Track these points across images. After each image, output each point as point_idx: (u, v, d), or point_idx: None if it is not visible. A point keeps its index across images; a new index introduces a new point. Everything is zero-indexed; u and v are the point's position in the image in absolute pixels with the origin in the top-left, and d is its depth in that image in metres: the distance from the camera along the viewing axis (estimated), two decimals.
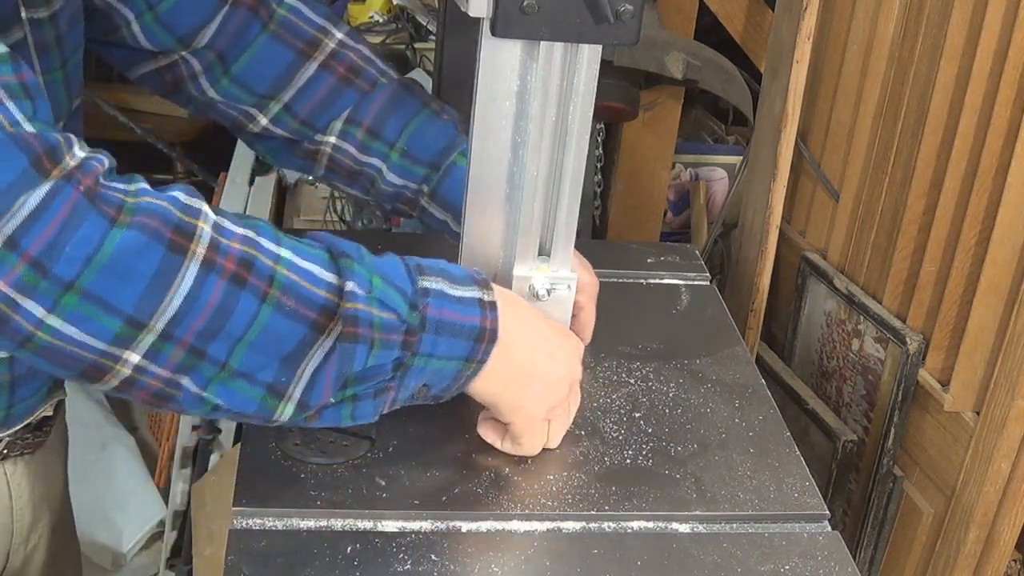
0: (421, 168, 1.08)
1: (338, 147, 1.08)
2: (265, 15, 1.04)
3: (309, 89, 1.06)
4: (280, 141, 1.10)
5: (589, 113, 0.90)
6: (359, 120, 1.07)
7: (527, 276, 0.97)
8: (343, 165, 1.09)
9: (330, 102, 1.07)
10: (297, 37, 1.05)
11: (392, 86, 1.09)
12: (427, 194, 1.09)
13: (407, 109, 1.08)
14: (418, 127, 1.08)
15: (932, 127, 1.39)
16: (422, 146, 1.07)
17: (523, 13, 0.82)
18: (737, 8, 1.86)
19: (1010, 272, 1.31)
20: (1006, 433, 1.30)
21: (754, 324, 1.71)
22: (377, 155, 1.08)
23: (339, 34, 1.07)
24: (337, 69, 1.06)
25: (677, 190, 2.15)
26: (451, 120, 1.09)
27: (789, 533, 0.97)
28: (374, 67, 1.08)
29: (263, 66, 1.05)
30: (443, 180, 1.07)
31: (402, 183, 1.09)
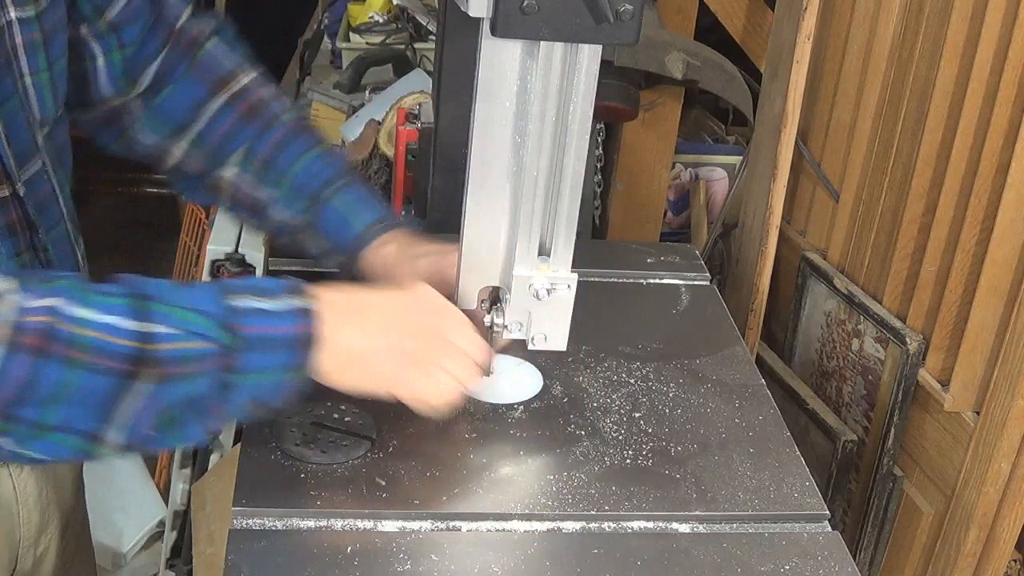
0: (303, 201, 1.12)
1: (237, 180, 1.14)
2: (192, 54, 1.12)
3: (215, 123, 1.12)
4: (192, 175, 1.16)
5: (589, 113, 0.90)
6: (255, 155, 1.12)
7: (527, 276, 0.97)
8: (244, 198, 1.14)
9: (231, 136, 1.12)
10: (211, 75, 1.12)
11: (288, 125, 1.14)
12: (306, 225, 1.13)
13: (299, 146, 1.13)
14: (306, 163, 1.12)
15: (932, 127, 1.39)
16: (307, 181, 1.12)
17: (523, 13, 0.82)
18: (737, 8, 1.86)
19: (1010, 272, 1.31)
20: (1006, 433, 1.30)
21: (754, 324, 1.71)
22: (269, 188, 1.13)
23: (247, 78, 1.14)
24: (240, 107, 1.12)
25: (677, 190, 2.15)
26: (338, 160, 1.16)
27: (789, 533, 0.97)
28: (274, 107, 1.14)
29: (179, 101, 1.12)
30: (321, 212, 1.12)
31: (288, 215, 1.13)
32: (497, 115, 0.91)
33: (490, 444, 1.03)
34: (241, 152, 1.13)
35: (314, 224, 1.12)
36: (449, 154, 1.34)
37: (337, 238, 1.12)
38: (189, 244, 2.61)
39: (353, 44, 2.50)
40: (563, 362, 1.15)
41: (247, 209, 1.16)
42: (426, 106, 1.51)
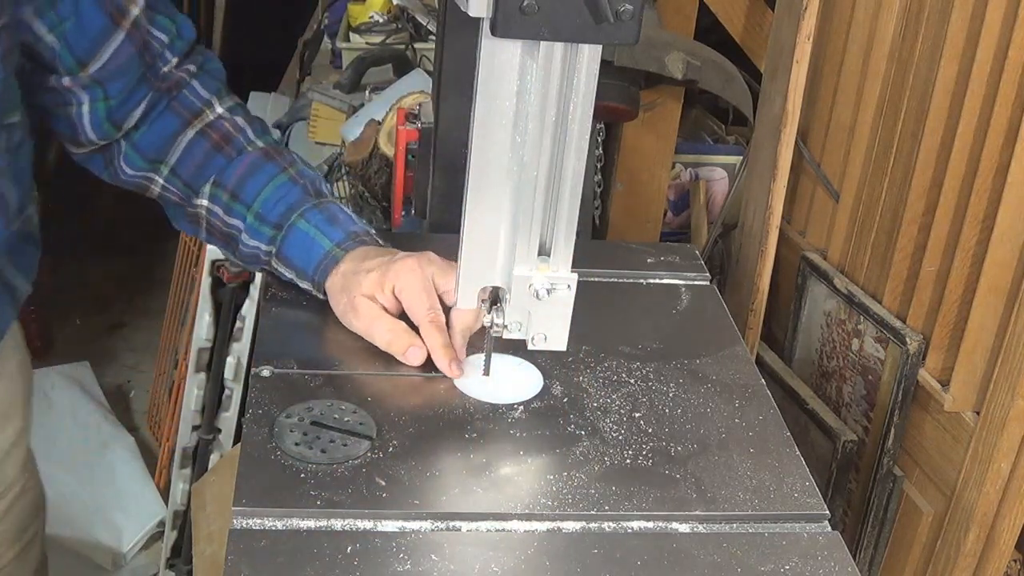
0: (268, 229, 1.14)
1: (210, 210, 1.16)
2: (173, 94, 1.15)
3: (189, 154, 1.16)
4: (175, 205, 1.19)
5: (589, 113, 0.90)
6: (224, 184, 1.15)
7: (527, 276, 0.97)
8: (217, 227, 1.17)
9: (204, 166, 1.16)
10: (186, 109, 1.16)
11: (256, 153, 1.17)
12: (273, 255, 1.15)
13: (264, 174, 1.15)
14: (272, 190, 1.14)
15: (932, 127, 1.39)
16: (271, 208, 1.14)
17: (523, 13, 0.82)
18: (737, 8, 1.86)
19: (1010, 272, 1.31)
20: (1006, 433, 1.30)
21: (754, 324, 1.71)
22: (237, 217, 1.15)
23: (221, 108, 1.17)
24: (212, 136, 1.16)
25: (677, 190, 2.15)
26: (308, 182, 1.17)
27: (789, 533, 0.97)
28: (244, 136, 1.17)
29: (156, 135, 1.15)
30: (284, 240, 1.13)
31: (255, 244, 1.15)
32: (497, 115, 0.91)
33: (490, 444, 1.03)
34: (212, 182, 1.16)
35: (281, 251, 1.14)
36: (449, 154, 1.34)
37: (303, 262, 1.13)
38: (189, 244, 2.62)
39: (353, 44, 2.50)
40: (563, 362, 1.15)
41: (220, 240, 1.18)
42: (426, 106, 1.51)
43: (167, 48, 1.14)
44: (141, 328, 3.34)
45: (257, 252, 1.16)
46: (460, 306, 1.01)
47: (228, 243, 1.18)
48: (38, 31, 1.03)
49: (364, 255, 1.12)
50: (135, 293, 3.49)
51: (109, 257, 3.56)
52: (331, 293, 1.13)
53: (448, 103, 1.31)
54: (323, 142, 2.21)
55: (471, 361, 1.13)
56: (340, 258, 1.12)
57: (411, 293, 1.09)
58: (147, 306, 3.39)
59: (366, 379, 1.10)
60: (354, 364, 1.11)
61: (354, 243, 1.13)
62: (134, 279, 3.50)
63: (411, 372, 1.11)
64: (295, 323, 1.16)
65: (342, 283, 1.11)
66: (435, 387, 1.10)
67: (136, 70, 1.11)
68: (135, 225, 1.33)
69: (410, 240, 1.50)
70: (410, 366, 1.09)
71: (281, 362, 1.10)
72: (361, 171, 1.78)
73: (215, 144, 1.16)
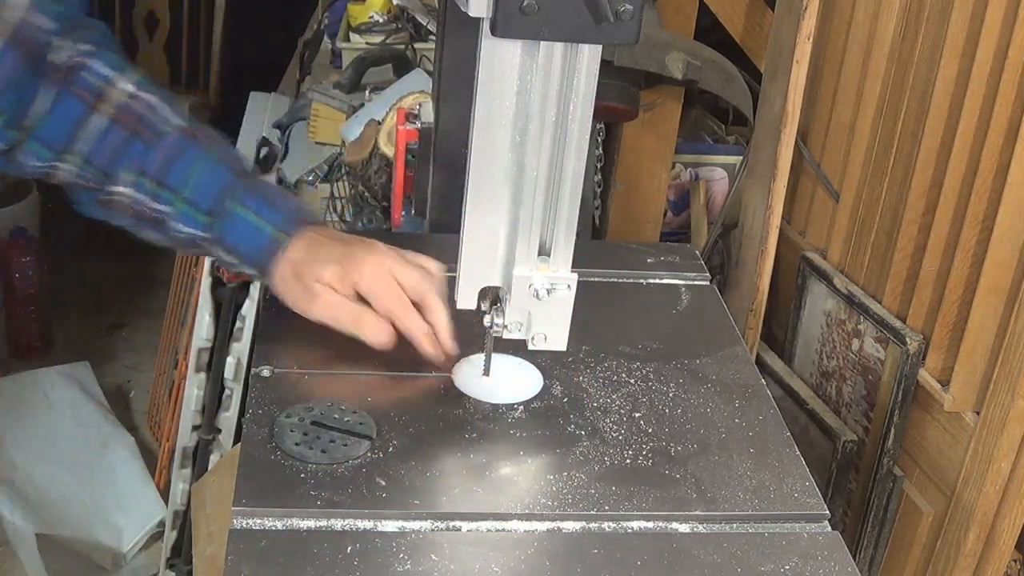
0: (202, 216, 1.10)
1: (134, 197, 1.11)
2: (69, 79, 1.09)
3: (103, 142, 1.09)
4: (84, 190, 1.13)
5: (589, 113, 0.90)
6: (147, 170, 1.10)
7: (527, 276, 0.97)
8: (145, 214, 1.11)
9: (121, 153, 1.10)
10: (89, 91, 1.09)
11: (176, 134, 1.11)
12: (211, 241, 1.11)
13: (189, 157, 1.11)
14: (199, 175, 1.11)
15: (932, 127, 1.39)
16: (202, 193, 1.10)
17: (523, 13, 0.82)
18: (737, 8, 1.86)
19: (1010, 272, 1.31)
20: (1006, 433, 1.30)
21: (754, 324, 1.71)
22: (166, 203, 1.10)
23: (127, 85, 1.11)
24: (125, 121, 1.10)
25: (677, 190, 2.15)
26: (229, 163, 1.13)
27: (789, 533, 0.97)
28: (158, 116, 1.11)
29: (61, 123, 1.09)
30: (222, 226, 1.10)
31: (191, 231, 1.11)
32: (497, 115, 0.91)
33: (490, 444, 1.03)
34: (133, 169, 1.10)
35: (221, 239, 1.11)
36: (449, 154, 1.34)
37: (246, 248, 1.10)
38: None
39: (353, 44, 2.50)
40: (563, 362, 1.15)
41: (150, 222, 1.12)
42: (426, 106, 1.51)
43: (54, 34, 1.08)
44: (141, 328, 3.34)
45: (194, 238, 1.11)
46: (460, 306, 1.01)
47: (156, 227, 1.12)
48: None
49: (316, 243, 1.10)
50: (135, 293, 3.49)
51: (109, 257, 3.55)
52: (281, 280, 1.10)
53: (448, 103, 1.31)
54: (323, 142, 2.21)
55: (471, 361, 1.13)
56: (285, 243, 1.09)
57: (378, 286, 1.07)
58: (147, 306, 3.39)
59: (366, 379, 1.10)
60: (354, 364, 1.11)
61: (297, 226, 1.10)
62: (134, 279, 3.50)
63: (411, 372, 1.11)
64: (295, 323, 1.16)
65: (294, 271, 1.09)
66: (435, 387, 1.10)
67: (26, 76, 1.06)
68: None
69: (410, 240, 1.50)
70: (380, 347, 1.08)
71: (281, 362, 1.10)
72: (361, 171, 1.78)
73: (131, 130, 1.10)
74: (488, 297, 1.02)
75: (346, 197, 1.94)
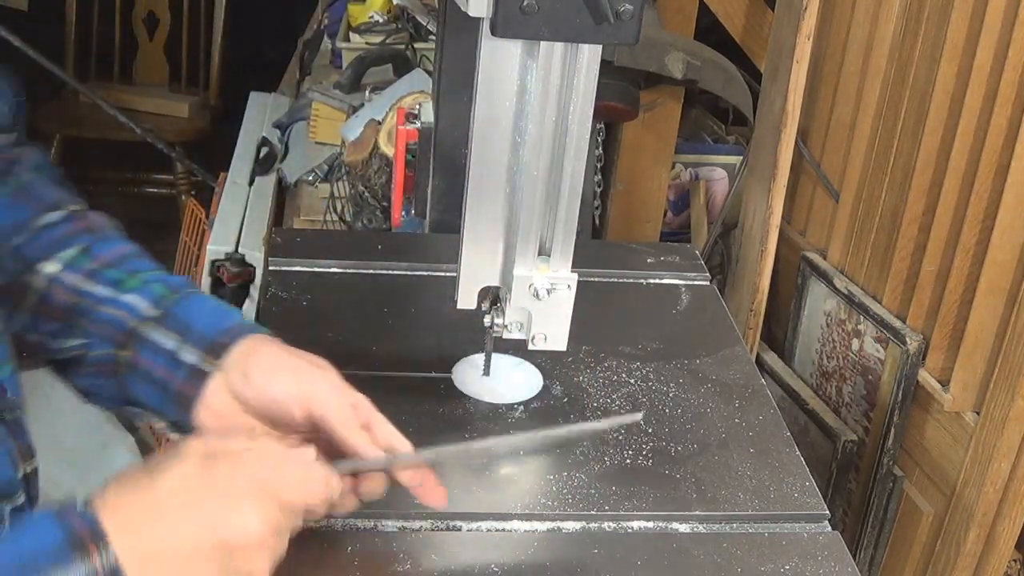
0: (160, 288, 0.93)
1: (57, 278, 0.93)
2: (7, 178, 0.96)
3: (43, 234, 0.94)
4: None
5: (589, 113, 0.90)
6: (95, 254, 0.94)
7: (527, 276, 0.97)
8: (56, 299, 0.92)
9: (62, 242, 0.95)
10: (39, 202, 0.96)
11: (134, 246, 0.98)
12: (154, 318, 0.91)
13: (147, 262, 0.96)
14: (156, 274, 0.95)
15: (932, 127, 1.39)
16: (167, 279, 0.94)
17: (523, 13, 0.82)
18: (737, 8, 1.86)
19: (1010, 272, 1.31)
20: (1006, 433, 1.30)
21: (754, 324, 1.71)
22: (105, 283, 0.93)
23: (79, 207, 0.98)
24: (82, 221, 0.97)
25: (677, 190, 2.15)
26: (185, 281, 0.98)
27: (789, 533, 0.97)
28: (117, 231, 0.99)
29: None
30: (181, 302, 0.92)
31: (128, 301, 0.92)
32: (497, 115, 0.91)
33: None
34: (74, 251, 0.94)
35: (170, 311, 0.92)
36: (449, 154, 1.34)
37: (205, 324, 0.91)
38: (189, 244, 2.62)
39: (353, 44, 2.50)
40: (563, 362, 1.15)
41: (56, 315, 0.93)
42: (426, 106, 1.51)
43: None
44: None
45: (123, 317, 0.91)
46: (460, 306, 1.01)
47: (66, 320, 0.92)
48: None
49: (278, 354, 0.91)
50: None
51: None
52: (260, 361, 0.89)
53: (448, 103, 1.31)
54: (323, 142, 2.21)
55: (471, 361, 1.13)
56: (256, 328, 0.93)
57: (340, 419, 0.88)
58: None
59: (366, 379, 1.10)
60: (354, 364, 1.11)
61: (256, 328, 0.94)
62: None
63: (411, 372, 1.11)
64: (295, 323, 1.16)
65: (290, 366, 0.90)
66: (435, 387, 1.10)
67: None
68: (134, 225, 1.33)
69: (410, 240, 1.50)
70: None
71: None
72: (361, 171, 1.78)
73: (86, 227, 0.96)
74: (488, 297, 1.02)
75: (346, 197, 1.94)
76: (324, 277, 1.30)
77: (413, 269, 1.34)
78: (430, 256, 1.34)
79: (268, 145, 2.32)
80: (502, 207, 0.95)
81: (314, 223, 1.97)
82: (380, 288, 1.29)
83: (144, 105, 3.51)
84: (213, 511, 0.72)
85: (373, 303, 1.25)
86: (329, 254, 1.34)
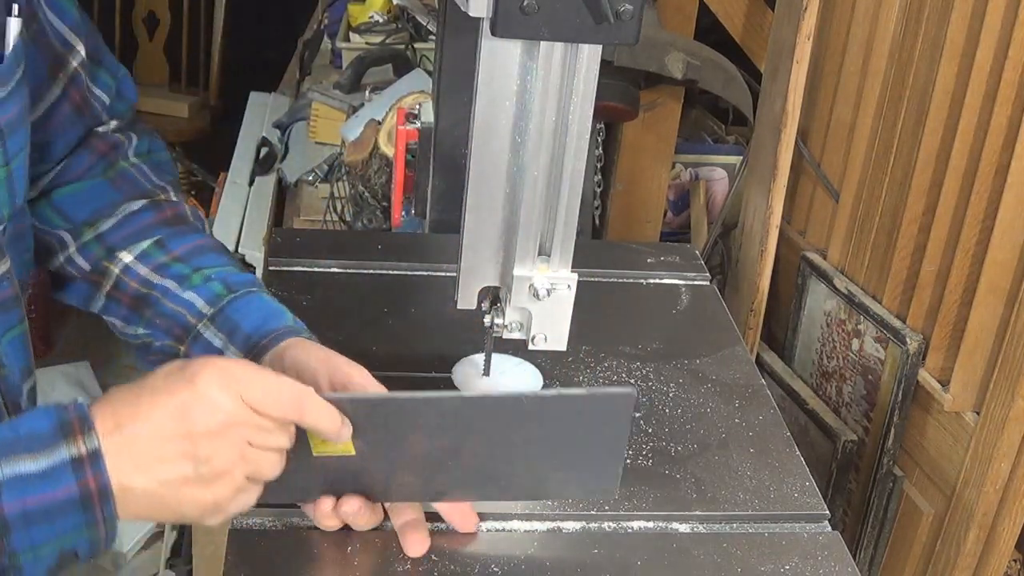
0: (219, 286, 0.98)
1: (129, 268, 0.98)
2: (110, 159, 1.01)
3: (128, 221, 1.00)
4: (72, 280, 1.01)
5: (589, 113, 0.90)
6: (168, 247, 0.99)
7: (527, 276, 0.97)
8: (127, 290, 0.99)
9: (142, 232, 1.00)
10: (133, 188, 1.01)
11: (215, 240, 1.04)
12: (209, 316, 0.97)
13: (222, 258, 1.01)
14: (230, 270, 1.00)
15: (932, 127, 1.39)
16: (227, 276, 0.99)
17: (523, 13, 0.82)
18: (737, 8, 1.86)
19: (1010, 272, 1.31)
20: (1006, 433, 1.30)
21: (754, 324, 1.71)
22: (173, 277, 0.98)
23: (175, 198, 1.03)
24: (164, 211, 1.01)
25: (677, 190, 2.15)
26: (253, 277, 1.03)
27: (789, 533, 0.97)
28: (201, 224, 1.04)
29: (87, 199, 1.00)
30: (236, 301, 0.97)
31: (188, 298, 0.97)
32: (497, 115, 0.91)
33: None
34: (149, 243, 0.99)
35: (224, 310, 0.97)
36: (449, 154, 1.34)
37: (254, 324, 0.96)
38: None
39: (353, 44, 2.50)
40: (563, 362, 1.15)
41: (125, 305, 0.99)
42: (426, 106, 1.51)
43: (105, 110, 1.00)
44: None
45: (183, 313, 0.97)
46: (460, 306, 1.01)
47: (135, 309, 0.99)
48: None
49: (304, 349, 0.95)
50: None
51: None
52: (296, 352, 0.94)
53: (448, 103, 1.31)
54: (323, 142, 2.21)
55: (471, 361, 1.13)
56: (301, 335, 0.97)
57: None
58: None
59: None
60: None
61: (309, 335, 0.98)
62: None
63: (411, 372, 1.11)
64: None
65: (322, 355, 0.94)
66: (435, 387, 1.10)
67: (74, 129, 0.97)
68: None
69: (410, 240, 1.50)
70: None
71: None
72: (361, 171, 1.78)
73: (165, 219, 1.00)
74: (488, 297, 1.02)
75: (346, 197, 1.94)
76: (324, 277, 1.30)
77: (413, 269, 1.34)
78: (430, 256, 1.35)
79: (268, 145, 2.32)
80: (502, 207, 0.95)
81: (314, 223, 1.97)
82: (380, 288, 1.29)
83: (144, 105, 3.48)
84: (182, 400, 0.76)
85: (373, 303, 1.25)
86: (329, 254, 1.34)
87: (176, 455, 0.76)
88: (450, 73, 1.29)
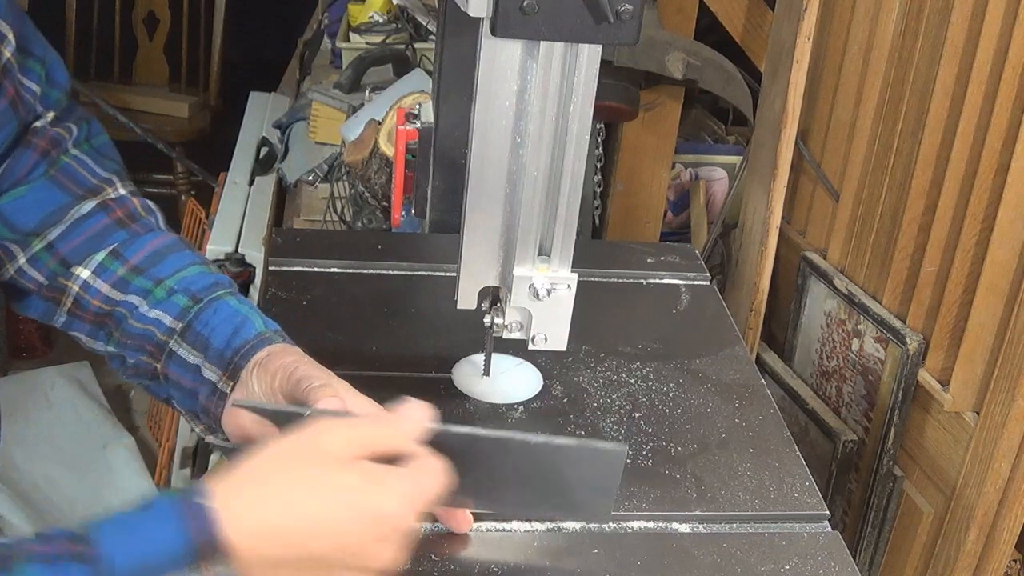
0: (184, 299, 0.94)
1: (88, 285, 0.95)
2: (51, 157, 0.96)
3: (78, 227, 0.95)
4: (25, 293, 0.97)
5: (589, 113, 0.90)
6: (124, 256, 0.95)
7: (527, 276, 0.97)
8: (88, 308, 0.95)
9: (97, 238, 0.96)
10: (78, 185, 0.96)
11: (172, 236, 0.99)
12: (178, 332, 0.94)
13: (184, 257, 0.97)
14: (193, 272, 0.96)
15: (932, 127, 1.39)
16: (192, 282, 0.96)
17: (523, 13, 0.82)
18: (737, 8, 1.86)
19: (1010, 272, 1.31)
20: (1006, 433, 1.30)
21: (754, 324, 1.71)
22: (135, 293, 0.95)
23: (123, 190, 0.99)
24: (115, 211, 0.97)
25: (677, 190, 2.15)
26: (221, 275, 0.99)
27: (789, 533, 0.97)
28: (155, 219, 1.00)
29: (33, 205, 0.95)
30: (203, 312, 0.94)
31: (155, 316, 0.94)
32: (497, 115, 0.91)
33: None
34: (105, 252, 0.95)
35: (192, 326, 0.94)
36: (449, 154, 1.34)
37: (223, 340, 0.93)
38: None
39: (353, 44, 2.50)
40: (563, 362, 1.15)
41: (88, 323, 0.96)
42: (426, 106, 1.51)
43: (38, 101, 0.95)
44: None
45: (152, 331, 0.93)
46: (460, 306, 1.01)
47: (99, 326, 0.96)
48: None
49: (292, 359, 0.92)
50: None
51: None
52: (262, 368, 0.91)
53: (448, 103, 1.31)
54: (323, 142, 2.21)
55: (471, 361, 1.13)
56: (273, 342, 0.93)
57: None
58: None
59: (366, 379, 1.10)
60: (354, 364, 1.11)
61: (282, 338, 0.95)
62: None
63: (411, 372, 1.11)
64: (295, 323, 1.16)
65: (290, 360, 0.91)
66: (435, 387, 1.10)
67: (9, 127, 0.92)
68: None
69: (410, 240, 1.50)
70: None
71: None
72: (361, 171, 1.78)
73: (117, 220, 0.96)
74: (488, 297, 1.02)
75: (346, 197, 1.94)
76: (324, 277, 1.30)
77: (413, 269, 1.34)
78: (430, 256, 1.35)
79: (268, 145, 2.32)
80: (502, 207, 0.95)
81: (314, 223, 1.97)
82: (380, 288, 1.29)
83: (144, 105, 3.51)
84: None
85: (373, 303, 1.25)
86: (329, 254, 1.34)
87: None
88: (450, 73, 1.29)
